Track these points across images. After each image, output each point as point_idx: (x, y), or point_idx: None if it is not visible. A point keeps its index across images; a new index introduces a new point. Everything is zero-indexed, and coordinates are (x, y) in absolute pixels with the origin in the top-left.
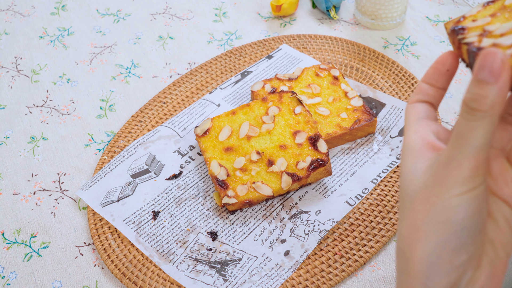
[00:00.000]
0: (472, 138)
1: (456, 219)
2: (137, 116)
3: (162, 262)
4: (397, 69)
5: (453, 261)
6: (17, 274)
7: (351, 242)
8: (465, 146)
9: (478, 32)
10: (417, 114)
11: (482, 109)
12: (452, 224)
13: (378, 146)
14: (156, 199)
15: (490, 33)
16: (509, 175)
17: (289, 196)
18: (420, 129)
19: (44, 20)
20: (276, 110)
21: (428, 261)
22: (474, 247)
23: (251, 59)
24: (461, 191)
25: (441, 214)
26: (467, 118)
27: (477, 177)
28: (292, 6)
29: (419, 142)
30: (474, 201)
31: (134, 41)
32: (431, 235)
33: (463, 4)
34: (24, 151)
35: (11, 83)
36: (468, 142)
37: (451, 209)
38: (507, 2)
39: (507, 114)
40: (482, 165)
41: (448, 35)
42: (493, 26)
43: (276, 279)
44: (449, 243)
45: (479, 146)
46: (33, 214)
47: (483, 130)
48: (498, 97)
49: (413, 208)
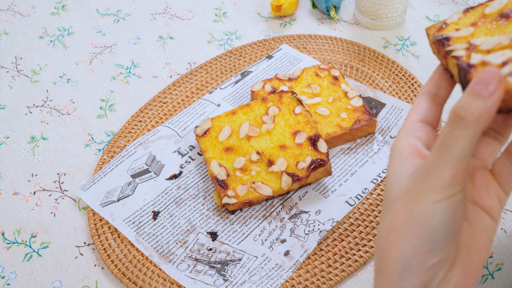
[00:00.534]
0: (454, 146)
1: (432, 224)
2: (137, 116)
3: (162, 262)
4: (397, 69)
5: (425, 262)
6: (17, 274)
7: (351, 242)
8: (447, 154)
9: (465, 45)
10: (416, 115)
11: (468, 119)
12: (427, 229)
13: (378, 146)
14: (156, 199)
15: (476, 47)
16: (492, 186)
17: (289, 196)
18: (411, 134)
19: (44, 20)
20: (276, 110)
21: (402, 262)
22: (446, 250)
23: (251, 59)
24: (438, 198)
25: (417, 219)
26: (452, 126)
27: (455, 185)
28: (292, 6)
29: (408, 148)
30: (451, 209)
31: (134, 41)
32: (406, 238)
33: (463, 4)
34: (24, 151)
35: (11, 83)
36: (450, 150)
37: (428, 215)
38: (486, 10)
39: (491, 129)
40: (461, 174)
41: (432, 43)
42: (478, 40)
43: (276, 279)
44: (422, 246)
45: (460, 156)
46: (33, 214)
47: (466, 140)
48: (485, 111)
49: (393, 211)
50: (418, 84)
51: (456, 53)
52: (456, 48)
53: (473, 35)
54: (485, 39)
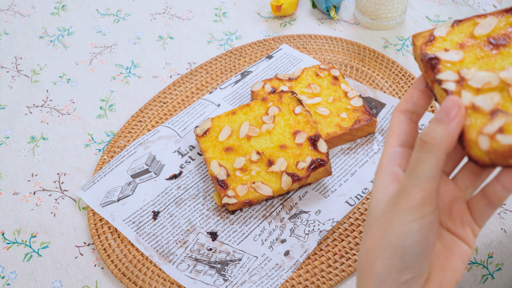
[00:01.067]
0: (421, 169)
1: (404, 245)
2: (137, 116)
3: (162, 262)
4: (397, 69)
5: (398, 279)
6: (17, 274)
7: (351, 242)
8: (415, 177)
9: (455, 76)
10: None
11: (431, 143)
12: (400, 250)
13: (378, 146)
14: (156, 199)
15: (466, 82)
16: (466, 220)
17: (289, 196)
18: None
19: (44, 20)
20: (276, 110)
21: (378, 278)
22: (418, 268)
23: (251, 59)
24: (409, 220)
25: (391, 240)
26: (418, 150)
27: (425, 206)
28: (292, 6)
29: (389, 176)
30: (422, 230)
31: (134, 41)
32: (381, 257)
33: (463, 4)
34: (24, 151)
35: (11, 83)
36: (418, 173)
37: (400, 236)
38: (476, 31)
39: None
40: (430, 196)
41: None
42: (468, 74)
43: (276, 279)
44: (396, 265)
45: (427, 178)
46: (33, 214)
47: (431, 163)
48: (446, 135)
49: (371, 231)
50: None
51: (447, 86)
52: (447, 79)
53: (462, 62)
54: (474, 73)
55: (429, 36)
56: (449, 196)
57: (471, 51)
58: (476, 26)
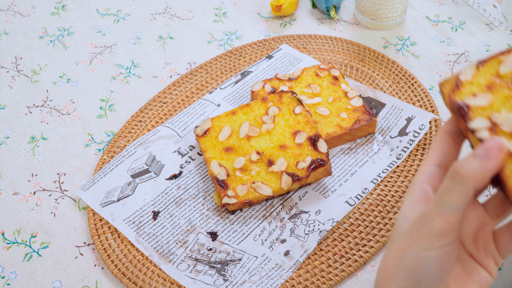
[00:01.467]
0: (447, 199)
1: (419, 270)
2: (137, 116)
3: (162, 262)
4: (397, 69)
5: None
6: (17, 274)
7: (351, 242)
8: (440, 206)
9: (487, 123)
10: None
11: (462, 175)
12: (415, 273)
13: (378, 146)
14: (156, 199)
15: (498, 127)
16: (490, 249)
17: (289, 196)
18: (426, 180)
19: (44, 20)
20: (276, 110)
21: None
22: None
23: (251, 59)
24: (428, 247)
25: (408, 264)
26: (449, 180)
27: (445, 237)
28: (292, 6)
29: (419, 194)
30: (438, 259)
31: (134, 41)
32: (397, 277)
33: (463, 4)
34: (24, 151)
35: (11, 83)
36: (444, 203)
37: (417, 260)
38: (501, 69)
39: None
40: (451, 227)
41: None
42: (499, 118)
43: (276, 279)
44: (411, 287)
45: (452, 209)
46: (33, 214)
47: (458, 195)
48: (480, 172)
49: (391, 250)
50: (418, 84)
51: (481, 135)
52: (479, 127)
53: (492, 106)
54: (506, 117)
55: (456, 82)
56: (477, 222)
57: (499, 92)
58: (501, 64)
